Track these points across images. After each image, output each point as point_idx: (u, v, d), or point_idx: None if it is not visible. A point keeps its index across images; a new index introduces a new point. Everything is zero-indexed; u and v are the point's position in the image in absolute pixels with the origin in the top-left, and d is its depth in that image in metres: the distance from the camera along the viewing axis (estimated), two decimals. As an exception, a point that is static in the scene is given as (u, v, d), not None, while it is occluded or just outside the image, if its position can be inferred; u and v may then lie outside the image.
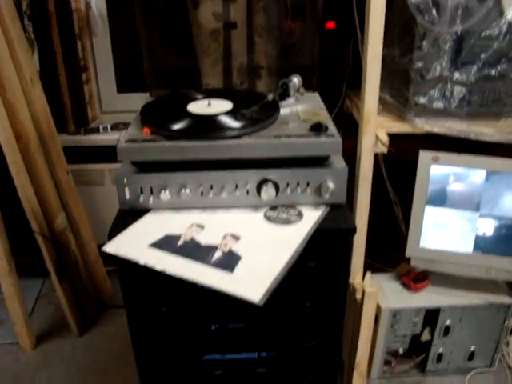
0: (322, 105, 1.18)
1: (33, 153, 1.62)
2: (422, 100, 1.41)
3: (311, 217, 1.00)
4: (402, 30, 1.41)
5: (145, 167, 1.01)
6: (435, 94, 1.40)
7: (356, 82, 1.77)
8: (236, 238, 0.95)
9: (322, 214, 1.01)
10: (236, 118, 1.01)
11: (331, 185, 0.99)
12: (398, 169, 1.73)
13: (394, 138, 1.41)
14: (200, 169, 0.99)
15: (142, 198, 1.01)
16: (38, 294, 2.06)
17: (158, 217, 1.02)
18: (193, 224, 0.99)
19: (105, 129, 1.88)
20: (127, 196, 1.01)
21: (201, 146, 0.97)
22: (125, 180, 1.00)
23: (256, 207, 1.03)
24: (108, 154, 1.92)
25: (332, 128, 1.02)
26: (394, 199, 1.84)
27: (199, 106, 1.10)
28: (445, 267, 1.54)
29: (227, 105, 1.10)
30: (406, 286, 1.61)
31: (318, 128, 1.00)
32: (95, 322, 1.91)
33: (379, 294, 1.53)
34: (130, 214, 1.02)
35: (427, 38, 1.35)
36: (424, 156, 1.48)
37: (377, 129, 1.42)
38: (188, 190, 1.00)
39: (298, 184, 1.00)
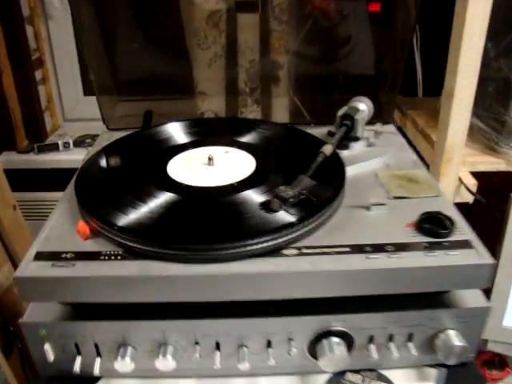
0: (414, 156, 0.63)
1: (-45, 190, 1.06)
2: (529, 124, 0.87)
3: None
4: (505, 20, 0.86)
5: (82, 306, 0.47)
6: (550, 114, 0.86)
7: (407, 86, 1.23)
8: None
9: (436, 393, 0.48)
10: (268, 207, 0.46)
11: (457, 338, 0.46)
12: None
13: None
14: (194, 312, 0.46)
15: (78, 363, 0.47)
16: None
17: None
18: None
19: (66, 145, 1.32)
20: (50, 358, 0.47)
21: (197, 278, 0.42)
22: (42, 332, 0.46)
23: (304, 374, 0.50)
24: (69, 178, 1.38)
25: (464, 227, 0.48)
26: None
27: (191, 167, 0.55)
28: (537, 354, 1.03)
29: (245, 164, 0.55)
30: (479, 374, 1.09)
31: (435, 225, 0.46)
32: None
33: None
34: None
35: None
36: (519, 203, 0.94)
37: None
38: (170, 353, 0.46)
39: (390, 338, 0.47)
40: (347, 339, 0.47)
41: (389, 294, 0.46)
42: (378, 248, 0.44)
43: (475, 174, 0.92)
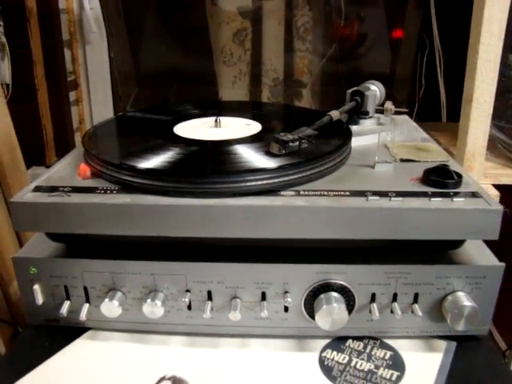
0: (424, 134, 0.62)
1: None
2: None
3: (422, 371, 0.43)
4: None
5: (75, 243, 0.47)
6: None
7: (431, 112, 1.24)
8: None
9: (443, 364, 0.44)
10: (268, 152, 0.46)
11: (467, 299, 0.43)
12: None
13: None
14: (187, 256, 0.44)
15: (66, 307, 0.46)
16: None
17: (97, 351, 0.46)
18: (164, 377, 0.43)
19: (92, 162, 1.35)
20: (38, 300, 0.46)
21: (191, 209, 0.41)
22: (32, 270, 0.46)
23: (302, 338, 0.47)
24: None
25: (472, 183, 0.46)
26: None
27: (196, 127, 0.56)
28: None
29: (250, 126, 0.56)
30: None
31: (441, 177, 0.44)
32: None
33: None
34: (44, 336, 0.48)
35: None
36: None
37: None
38: (159, 299, 0.44)
39: (394, 297, 0.44)
40: (347, 296, 0.44)
41: (393, 249, 0.44)
42: (380, 194, 0.43)
43: (498, 188, 0.89)
